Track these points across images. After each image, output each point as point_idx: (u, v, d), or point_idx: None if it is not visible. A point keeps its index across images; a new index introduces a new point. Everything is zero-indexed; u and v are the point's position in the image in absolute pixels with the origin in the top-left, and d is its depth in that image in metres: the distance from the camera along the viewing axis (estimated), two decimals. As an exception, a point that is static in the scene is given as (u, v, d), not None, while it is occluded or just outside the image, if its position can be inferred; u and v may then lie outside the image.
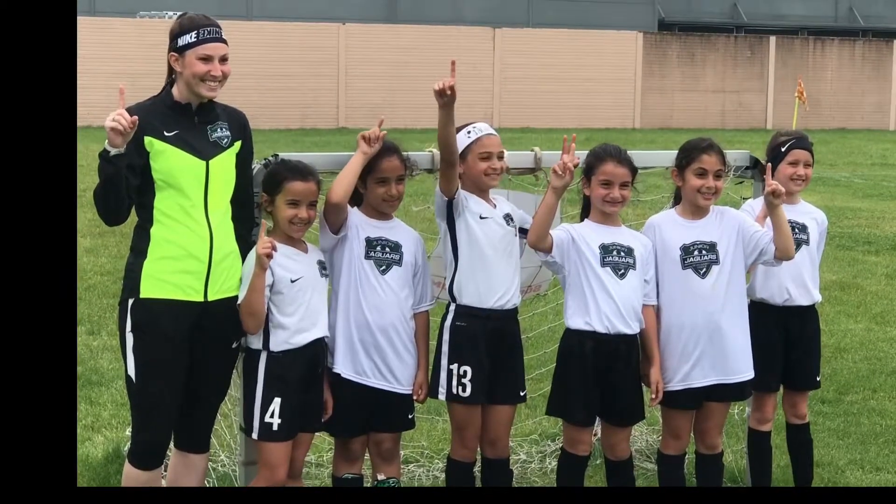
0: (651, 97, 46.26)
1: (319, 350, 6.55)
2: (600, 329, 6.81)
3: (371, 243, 6.65)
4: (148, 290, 6.15)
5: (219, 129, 6.35)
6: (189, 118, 6.28)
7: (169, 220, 6.18)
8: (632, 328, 6.86)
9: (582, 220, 7.05)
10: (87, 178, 22.78)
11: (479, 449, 7.01)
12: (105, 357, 10.80)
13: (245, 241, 6.44)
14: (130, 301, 6.20)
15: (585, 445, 7.06)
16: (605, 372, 6.85)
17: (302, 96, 40.99)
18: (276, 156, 6.66)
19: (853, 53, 48.78)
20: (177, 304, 6.18)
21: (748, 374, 7.11)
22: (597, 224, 6.94)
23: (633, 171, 6.91)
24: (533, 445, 8.54)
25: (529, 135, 34.85)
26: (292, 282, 6.43)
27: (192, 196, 6.21)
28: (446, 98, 6.53)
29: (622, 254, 6.86)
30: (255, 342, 6.44)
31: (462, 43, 42.59)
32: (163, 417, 6.26)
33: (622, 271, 6.84)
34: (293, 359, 6.44)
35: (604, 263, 6.83)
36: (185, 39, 6.23)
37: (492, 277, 6.76)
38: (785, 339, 7.52)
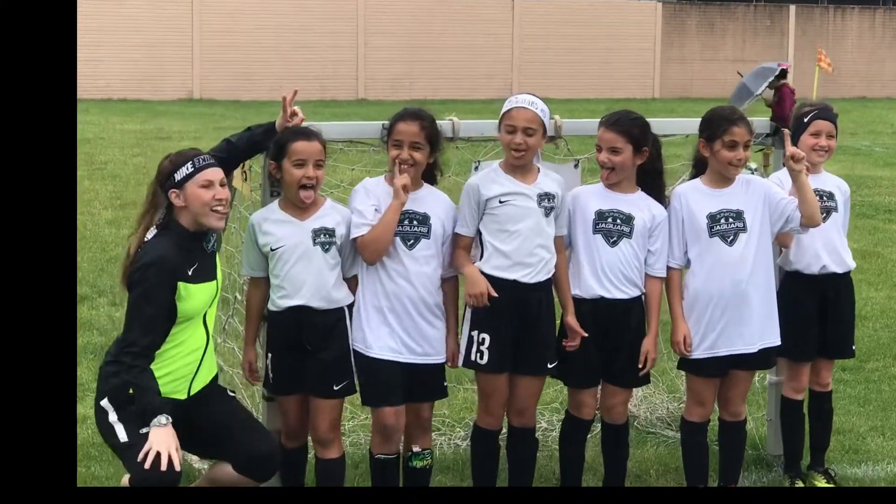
0: (670, 67, 46.11)
1: (305, 317, 6.60)
2: (586, 296, 6.90)
3: (399, 216, 6.63)
4: None
5: (211, 239, 6.50)
6: (198, 243, 6.42)
7: (169, 348, 6.31)
8: (627, 291, 6.92)
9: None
10: (108, 151, 22.90)
11: (505, 417, 7.03)
12: (127, 328, 10.82)
13: None
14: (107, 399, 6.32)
15: (589, 409, 7.16)
16: (603, 336, 6.94)
17: (321, 68, 40.92)
18: None
19: (873, 22, 48.55)
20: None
21: (774, 342, 7.13)
22: (602, 188, 7.02)
23: (629, 137, 6.88)
24: (554, 414, 8.56)
25: (549, 105, 34.59)
26: (272, 250, 6.59)
27: (198, 314, 6.42)
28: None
29: (618, 221, 6.90)
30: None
31: (481, 13, 42.51)
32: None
33: (614, 238, 6.89)
34: (279, 320, 6.67)
35: (596, 230, 6.90)
36: (181, 173, 6.31)
37: (515, 255, 6.73)
38: (820, 308, 7.53)
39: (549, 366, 6.92)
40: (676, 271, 7.10)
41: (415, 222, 6.69)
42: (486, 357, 6.76)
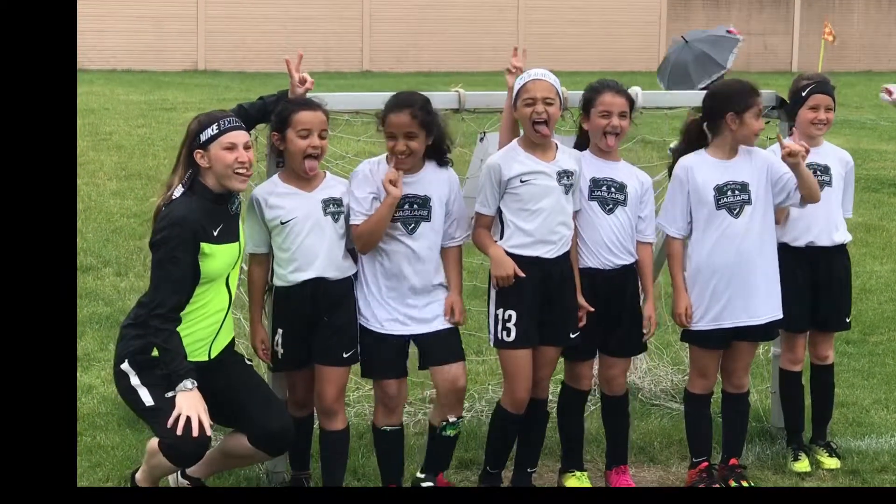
0: (676, 40, 45.99)
1: (320, 288, 6.63)
2: (592, 265, 6.94)
3: (398, 201, 6.62)
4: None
5: (235, 200, 6.53)
6: (224, 205, 6.44)
7: (193, 310, 6.35)
8: (624, 259, 6.96)
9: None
10: (112, 122, 22.86)
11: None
12: (132, 298, 10.81)
13: None
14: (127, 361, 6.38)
15: (587, 380, 7.21)
16: (603, 306, 6.96)
17: (326, 39, 40.80)
18: None
19: (880, -5, 48.39)
20: None
21: (777, 314, 7.15)
22: (593, 157, 7.03)
23: (631, 102, 6.98)
24: (556, 385, 8.57)
25: (554, 78, 34.57)
26: (282, 223, 6.58)
27: (221, 275, 6.44)
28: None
29: (612, 189, 6.94)
30: (273, 277, 6.72)
31: (486, -15, 42.40)
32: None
33: (610, 206, 6.92)
34: (291, 295, 6.65)
35: (591, 197, 6.93)
36: (206, 134, 6.33)
37: (537, 233, 6.75)
38: (811, 280, 7.53)
39: (572, 336, 6.92)
40: (679, 241, 7.12)
41: (415, 206, 6.68)
42: (513, 333, 6.78)
